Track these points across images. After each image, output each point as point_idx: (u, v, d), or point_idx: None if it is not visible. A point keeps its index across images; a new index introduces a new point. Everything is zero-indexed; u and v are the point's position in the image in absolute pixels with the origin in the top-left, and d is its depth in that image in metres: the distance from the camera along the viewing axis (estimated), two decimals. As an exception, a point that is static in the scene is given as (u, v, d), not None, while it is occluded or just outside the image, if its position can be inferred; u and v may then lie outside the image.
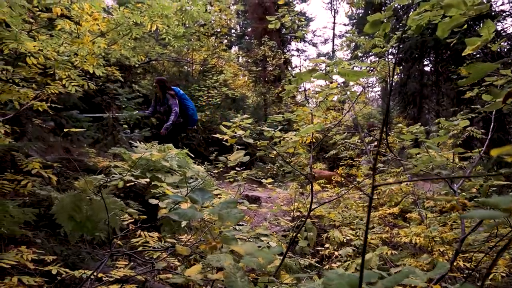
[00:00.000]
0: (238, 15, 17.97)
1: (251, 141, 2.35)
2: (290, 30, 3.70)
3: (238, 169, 3.72)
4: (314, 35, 24.95)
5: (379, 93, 20.75)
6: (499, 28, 9.56)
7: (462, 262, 3.01)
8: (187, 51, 11.07)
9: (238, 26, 20.38)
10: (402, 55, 10.87)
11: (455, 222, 3.64)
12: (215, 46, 11.50)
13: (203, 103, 9.32)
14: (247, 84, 14.88)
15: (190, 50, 10.90)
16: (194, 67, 11.57)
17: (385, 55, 6.28)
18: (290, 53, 19.48)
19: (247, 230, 2.56)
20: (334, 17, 28.55)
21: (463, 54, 1.46)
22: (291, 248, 3.81)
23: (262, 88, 13.95)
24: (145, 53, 7.90)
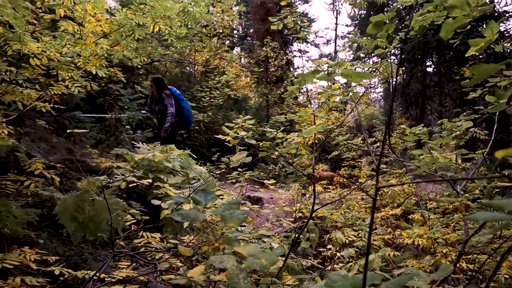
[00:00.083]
0: (240, 16, 17.98)
1: (254, 142, 2.34)
2: (292, 31, 3.68)
3: (240, 170, 3.72)
4: (316, 36, 24.96)
5: (382, 94, 20.74)
6: (502, 29, 9.54)
7: (465, 264, 3.00)
8: (190, 52, 11.08)
9: (240, 27, 20.41)
10: (404, 56, 10.85)
11: (458, 224, 3.62)
12: (217, 47, 11.51)
13: (205, 104, 9.32)
14: (249, 85, 14.89)
15: (192, 51, 10.91)
16: (196, 68, 11.59)
17: (387, 56, 6.26)
18: (292, 54, 19.51)
19: (250, 231, 2.56)
20: (336, 18, 28.62)
21: (467, 55, 1.45)
22: (293, 249, 3.80)
23: (264, 89, 13.95)
24: (147, 54, 7.91)
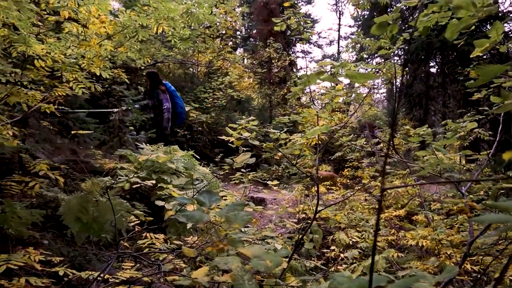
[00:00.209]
0: (243, 17, 17.98)
1: (257, 143, 2.34)
2: (296, 32, 3.68)
3: (243, 170, 3.72)
4: (319, 37, 24.90)
5: (385, 94, 20.67)
6: (506, 29, 9.49)
7: (470, 265, 2.98)
8: (193, 53, 11.09)
9: (243, 28, 20.41)
10: (408, 57, 10.81)
11: (462, 225, 3.60)
12: (221, 48, 11.52)
13: (209, 105, 9.33)
14: (252, 86, 14.88)
15: (195, 52, 10.93)
16: (199, 69, 11.60)
17: (391, 57, 6.24)
18: (295, 54, 19.48)
19: (253, 232, 2.55)
20: (339, 18, 28.62)
21: (472, 55, 1.44)
22: (297, 250, 3.80)
23: (267, 89, 13.94)
24: (151, 55, 7.93)
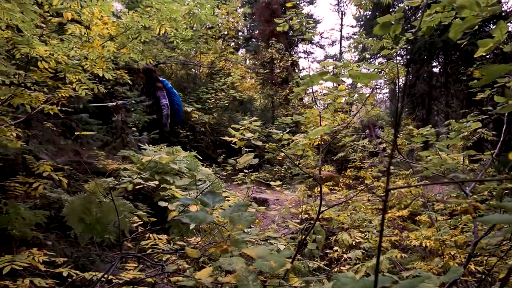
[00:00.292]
0: (245, 18, 18.00)
1: (259, 143, 2.34)
2: (298, 33, 3.69)
3: (246, 171, 3.72)
4: (322, 37, 24.89)
5: (387, 95, 20.61)
6: (510, 29, 9.45)
7: (474, 266, 2.97)
8: (195, 54, 11.11)
9: (246, 29, 20.41)
10: (410, 57, 10.79)
11: (466, 226, 3.59)
12: (223, 49, 11.53)
13: (211, 106, 9.34)
14: (255, 86, 14.88)
15: (197, 53, 10.94)
16: (201, 70, 11.61)
17: (393, 57, 6.23)
18: (297, 55, 19.46)
19: (256, 233, 2.55)
20: (342, 19, 28.49)
21: (476, 55, 1.44)
22: (300, 250, 3.79)
23: (270, 90, 13.93)
24: (153, 56, 7.95)
